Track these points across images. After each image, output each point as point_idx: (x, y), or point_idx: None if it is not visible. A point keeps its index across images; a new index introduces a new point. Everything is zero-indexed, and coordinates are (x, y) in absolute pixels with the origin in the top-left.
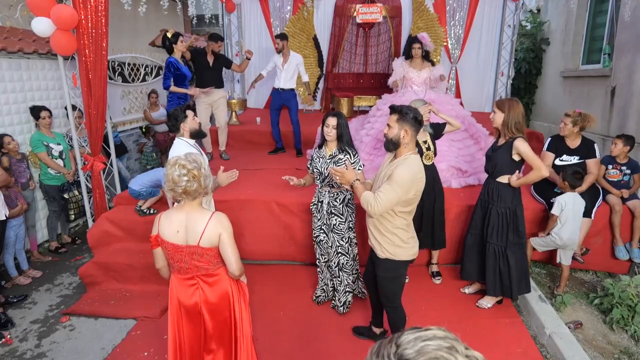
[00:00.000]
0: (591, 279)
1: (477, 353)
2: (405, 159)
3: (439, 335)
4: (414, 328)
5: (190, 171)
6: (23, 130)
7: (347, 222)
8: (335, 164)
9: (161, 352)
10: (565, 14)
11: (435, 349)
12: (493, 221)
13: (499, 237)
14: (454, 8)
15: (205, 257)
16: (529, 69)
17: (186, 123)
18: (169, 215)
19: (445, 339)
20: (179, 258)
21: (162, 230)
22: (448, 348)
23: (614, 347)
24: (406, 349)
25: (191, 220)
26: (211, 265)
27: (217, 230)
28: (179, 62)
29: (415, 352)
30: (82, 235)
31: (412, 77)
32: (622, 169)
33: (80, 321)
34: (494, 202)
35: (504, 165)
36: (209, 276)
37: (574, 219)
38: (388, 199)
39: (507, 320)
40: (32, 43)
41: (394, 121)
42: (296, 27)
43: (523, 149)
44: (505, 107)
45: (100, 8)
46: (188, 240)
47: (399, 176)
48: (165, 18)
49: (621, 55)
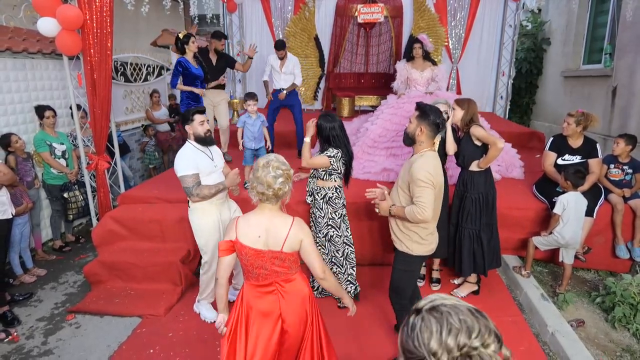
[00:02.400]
0: (593, 277)
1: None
2: (421, 156)
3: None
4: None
5: (285, 172)
6: (27, 129)
7: (326, 218)
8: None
9: (166, 350)
10: (566, 13)
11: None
12: (468, 207)
13: (474, 221)
14: (455, 8)
15: (286, 262)
16: (530, 68)
17: (191, 126)
18: (249, 220)
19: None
20: (259, 264)
21: (242, 235)
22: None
23: (616, 345)
24: (443, 304)
25: (273, 225)
26: (290, 270)
27: (298, 236)
28: (189, 62)
29: (450, 306)
30: (85, 234)
31: (415, 78)
32: (624, 168)
33: (86, 319)
34: (468, 190)
35: (470, 153)
36: (287, 281)
37: (576, 218)
38: (427, 199)
39: (510, 318)
40: (37, 43)
41: (414, 117)
42: (297, 27)
43: (478, 132)
44: (465, 105)
45: (105, 8)
46: (269, 245)
47: (421, 174)
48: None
49: (622, 55)
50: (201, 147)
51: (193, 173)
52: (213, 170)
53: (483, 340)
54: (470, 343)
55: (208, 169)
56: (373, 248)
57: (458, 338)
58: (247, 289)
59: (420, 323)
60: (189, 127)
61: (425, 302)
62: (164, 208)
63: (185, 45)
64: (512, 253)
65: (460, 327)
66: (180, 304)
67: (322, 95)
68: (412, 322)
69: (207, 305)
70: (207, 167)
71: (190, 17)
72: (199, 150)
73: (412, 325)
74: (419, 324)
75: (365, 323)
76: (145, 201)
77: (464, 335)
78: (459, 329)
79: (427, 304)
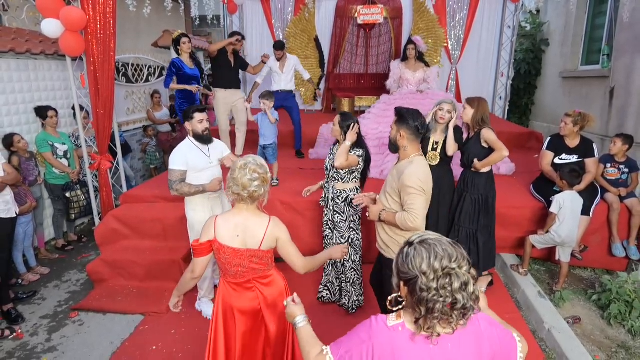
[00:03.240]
0: (589, 275)
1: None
2: (410, 162)
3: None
4: None
5: (261, 175)
6: (30, 130)
7: (348, 221)
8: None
9: (169, 347)
10: (565, 15)
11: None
12: (467, 207)
13: (472, 221)
14: (454, 9)
15: (264, 260)
16: (529, 69)
17: (191, 123)
18: (227, 219)
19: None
20: (237, 262)
21: (221, 235)
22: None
23: (612, 341)
24: (429, 237)
25: (250, 224)
26: (267, 267)
27: (275, 234)
28: (184, 62)
29: (435, 239)
30: (88, 233)
31: (408, 77)
32: (621, 167)
33: (89, 316)
34: (469, 189)
35: (476, 154)
36: (264, 277)
37: (573, 217)
38: (419, 207)
39: (507, 315)
40: (39, 44)
41: (394, 123)
42: (297, 28)
43: (488, 135)
44: (475, 104)
45: (108, 9)
46: (247, 244)
47: (412, 181)
48: (168, 19)
49: (620, 56)
50: (198, 144)
51: (180, 169)
52: (207, 167)
53: (459, 263)
54: (450, 265)
55: (201, 166)
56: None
57: (442, 262)
58: (225, 288)
59: (413, 252)
60: (189, 124)
61: (416, 237)
62: (166, 207)
63: (177, 46)
64: (510, 251)
65: (443, 254)
66: (182, 302)
67: (322, 95)
68: (407, 251)
69: (209, 303)
70: (200, 163)
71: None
72: (195, 146)
73: (406, 253)
74: (412, 252)
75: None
76: (147, 201)
77: (446, 259)
78: (442, 256)
79: (417, 238)
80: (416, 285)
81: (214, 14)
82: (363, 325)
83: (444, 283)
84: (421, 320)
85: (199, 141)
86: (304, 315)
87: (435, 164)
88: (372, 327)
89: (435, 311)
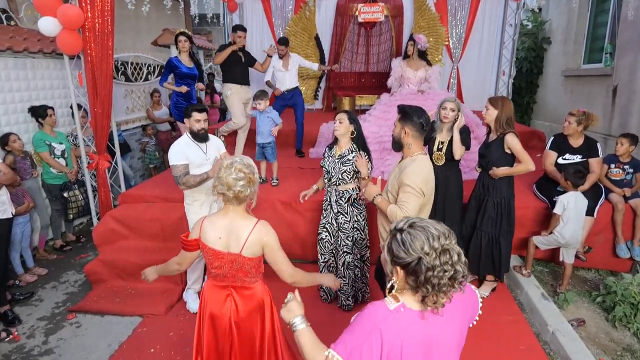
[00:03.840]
0: (593, 277)
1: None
2: (413, 160)
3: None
4: None
5: (247, 175)
6: (28, 129)
7: (352, 221)
8: (343, 164)
9: (167, 349)
10: (567, 13)
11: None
12: (489, 211)
13: (494, 225)
14: (456, 7)
15: (245, 268)
16: (530, 68)
17: (188, 121)
18: (213, 220)
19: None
20: (218, 265)
21: (205, 235)
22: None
23: (617, 344)
24: (415, 221)
25: (235, 226)
26: (249, 277)
27: (260, 238)
28: (180, 61)
29: (423, 222)
30: (86, 233)
31: (409, 76)
32: (625, 167)
33: (87, 318)
34: (490, 193)
35: (498, 159)
36: (244, 289)
37: (577, 218)
38: (412, 206)
39: (510, 317)
40: (37, 42)
41: (397, 120)
42: (298, 27)
43: (512, 143)
44: (499, 104)
45: (106, 8)
46: (230, 247)
47: (411, 180)
48: (167, 17)
49: (623, 54)
50: (193, 141)
51: (182, 163)
52: (204, 163)
53: (450, 238)
54: (445, 242)
55: (198, 162)
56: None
57: (440, 240)
58: (207, 288)
59: (409, 237)
60: (187, 121)
61: (401, 223)
62: (165, 207)
63: (175, 45)
64: (513, 252)
65: (438, 233)
66: (180, 303)
67: (323, 94)
68: (401, 238)
69: (194, 295)
70: (197, 159)
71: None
72: (193, 142)
73: (401, 240)
74: (408, 237)
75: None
76: (146, 200)
77: (442, 238)
78: (438, 235)
79: (403, 224)
80: (420, 267)
81: (213, 12)
82: (362, 316)
83: (445, 259)
84: (428, 298)
85: (195, 139)
86: (303, 317)
87: (441, 164)
88: (374, 315)
89: (442, 286)
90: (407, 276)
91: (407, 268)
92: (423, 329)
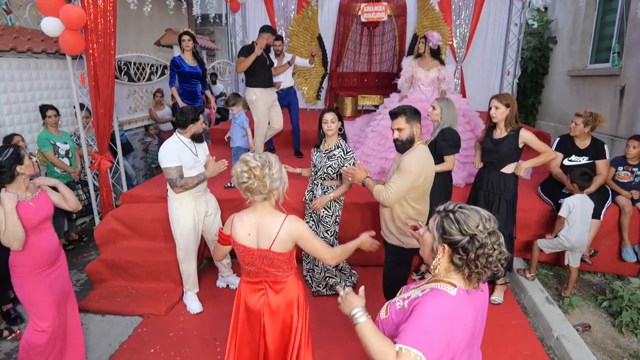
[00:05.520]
0: (599, 281)
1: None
2: (413, 149)
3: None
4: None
5: (251, 169)
6: (32, 129)
7: (334, 215)
8: (328, 159)
9: (167, 349)
10: (573, 12)
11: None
12: (502, 210)
13: (506, 224)
14: (460, 7)
15: (275, 263)
16: (536, 68)
17: (195, 125)
18: (242, 217)
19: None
20: (249, 261)
21: (235, 232)
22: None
23: (623, 350)
24: (461, 205)
25: (264, 223)
26: (281, 272)
27: (292, 233)
28: (184, 60)
29: (469, 207)
30: (88, 233)
31: (420, 77)
32: (634, 170)
33: (88, 317)
34: (501, 191)
35: (510, 155)
36: (277, 283)
37: (583, 221)
38: (398, 186)
39: (514, 322)
40: (41, 43)
41: (404, 122)
42: (300, 27)
43: (529, 137)
44: (510, 102)
45: (108, 8)
46: (260, 243)
47: (406, 164)
48: (170, 17)
49: (631, 54)
50: (187, 142)
51: (176, 165)
52: (195, 165)
53: (497, 224)
54: (494, 225)
55: (190, 164)
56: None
57: (490, 222)
58: (241, 284)
59: (463, 216)
60: (192, 126)
61: (451, 205)
62: (166, 208)
63: (179, 45)
64: (517, 255)
65: (488, 217)
66: (181, 304)
67: (325, 94)
68: (455, 217)
69: (193, 297)
70: (189, 161)
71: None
72: (184, 144)
73: (455, 219)
74: (462, 217)
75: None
76: (148, 200)
77: (493, 221)
78: (487, 218)
79: (454, 206)
80: (472, 244)
81: (216, 13)
82: (427, 308)
83: (494, 239)
84: (473, 275)
85: (195, 140)
86: (364, 309)
87: None
88: (442, 307)
89: (490, 263)
90: (454, 254)
91: (457, 245)
92: (473, 303)
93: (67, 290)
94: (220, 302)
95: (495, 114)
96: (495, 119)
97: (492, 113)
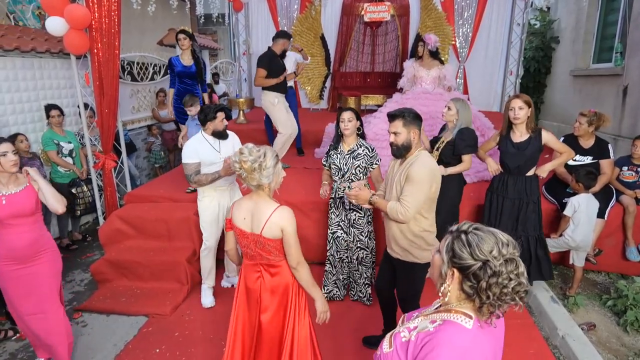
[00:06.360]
0: (604, 280)
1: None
2: (417, 157)
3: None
4: None
5: (242, 161)
6: (35, 128)
7: (366, 216)
8: (354, 159)
9: (173, 349)
10: (576, 12)
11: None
12: (533, 214)
13: (535, 227)
14: (462, 6)
15: (266, 248)
16: (538, 67)
17: (213, 122)
18: (240, 203)
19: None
20: (245, 244)
21: (234, 216)
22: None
23: (629, 349)
24: (477, 226)
25: (258, 209)
26: (273, 256)
27: (279, 223)
28: (179, 59)
29: (485, 228)
30: (92, 233)
31: (422, 75)
32: (639, 170)
33: (92, 317)
34: (529, 196)
35: (535, 158)
36: (271, 266)
37: (588, 221)
38: (415, 199)
39: (519, 321)
40: (45, 42)
41: (401, 126)
42: (303, 26)
43: (551, 137)
44: (529, 101)
45: (113, 7)
46: (253, 228)
47: (418, 174)
48: (173, 17)
49: (634, 54)
50: (209, 139)
51: (194, 162)
52: (215, 162)
53: (517, 250)
54: (513, 251)
55: (210, 160)
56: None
57: (508, 248)
58: (243, 266)
59: (476, 238)
60: (210, 123)
61: (465, 225)
62: (170, 207)
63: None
64: None
65: (507, 241)
66: (186, 303)
67: (328, 94)
68: (467, 239)
69: (208, 291)
70: (209, 157)
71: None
72: (206, 141)
73: (467, 241)
74: (475, 239)
75: (373, 323)
76: (152, 200)
77: (511, 247)
78: (506, 243)
79: (468, 227)
80: (484, 271)
81: (219, 12)
82: (444, 348)
83: (511, 268)
84: (486, 306)
85: (217, 137)
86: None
87: None
88: (459, 344)
89: (504, 295)
90: (464, 281)
91: (467, 271)
92: (492, 335)
93: (46, 291)
94: (224, 302)
95: (519, 115)
96: (519, 120)
97: (515, 115)
